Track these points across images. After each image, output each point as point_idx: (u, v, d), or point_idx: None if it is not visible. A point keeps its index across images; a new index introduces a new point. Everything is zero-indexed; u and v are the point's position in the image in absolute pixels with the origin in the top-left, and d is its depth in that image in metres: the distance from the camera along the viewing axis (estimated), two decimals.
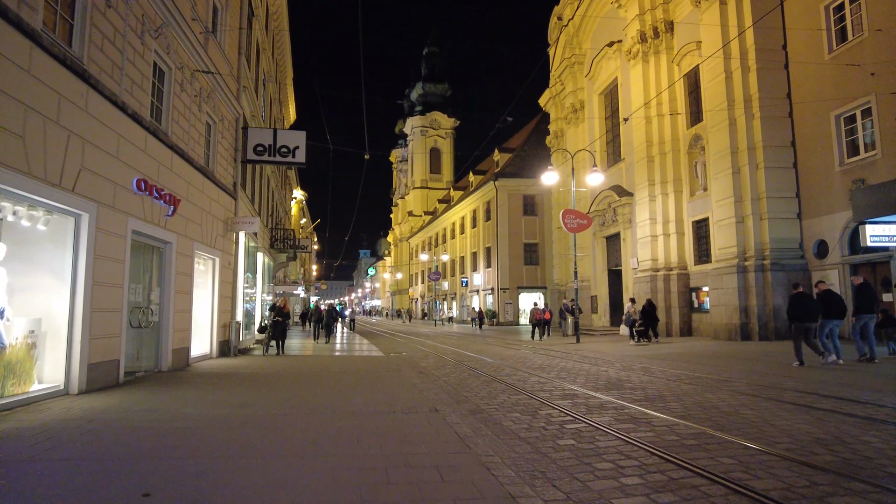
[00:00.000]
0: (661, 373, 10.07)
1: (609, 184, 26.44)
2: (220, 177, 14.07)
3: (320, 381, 9.55)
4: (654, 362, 11.96)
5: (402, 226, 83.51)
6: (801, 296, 11.04)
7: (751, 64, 18.52)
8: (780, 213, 17.91)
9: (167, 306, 10.59)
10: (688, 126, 22.04)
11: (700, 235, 21.40)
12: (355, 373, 10.67)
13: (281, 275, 33.55)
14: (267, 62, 23.67)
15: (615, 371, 10.51)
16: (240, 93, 15.86)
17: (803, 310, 10.78)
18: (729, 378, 9.13)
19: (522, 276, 43.51)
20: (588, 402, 7.10)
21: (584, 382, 8.98)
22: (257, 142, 15.86)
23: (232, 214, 15.05)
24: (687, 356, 13.34)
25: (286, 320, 15.31)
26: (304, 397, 7.68)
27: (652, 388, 8.17)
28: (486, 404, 7.11)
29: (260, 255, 20.34)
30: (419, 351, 17.13)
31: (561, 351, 15.86)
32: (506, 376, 9.98)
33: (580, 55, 31.73)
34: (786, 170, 18.13)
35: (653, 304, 19.35)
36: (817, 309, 10.88)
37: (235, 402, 7.22)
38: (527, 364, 12.16)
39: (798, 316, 10.81)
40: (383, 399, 7.41)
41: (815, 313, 10.82)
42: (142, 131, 9.25)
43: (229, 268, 14.90)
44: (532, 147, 46.07)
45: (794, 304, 10.96)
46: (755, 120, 18.34)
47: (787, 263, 17.62)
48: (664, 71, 23.12)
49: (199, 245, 12.42)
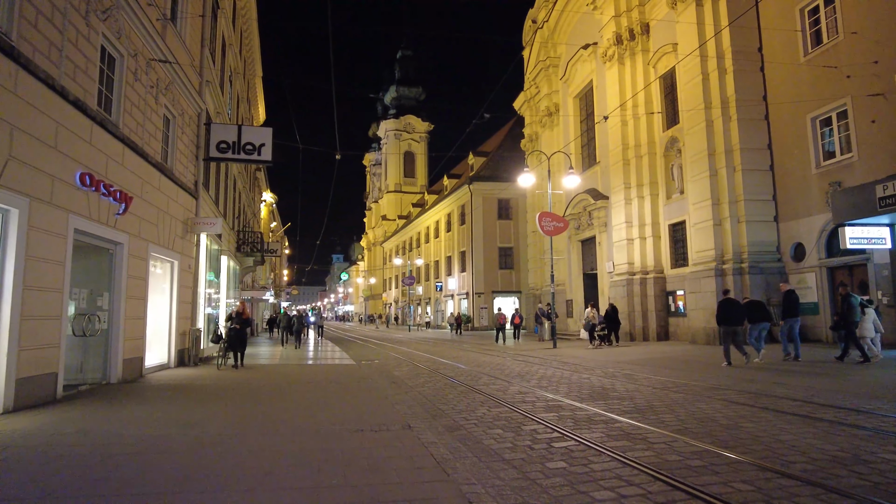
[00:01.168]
0: (645, 380, 9.62)
1: (584, 187, 26.18)
2: (179, 175, 13.21)
3: (284, 393, 8.82)
4: (635, 368, 11.52)
5: (376, 230, 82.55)
6: (728, 301, 11.94)
7: (727, 66, 18.40)
8: (758, 215, 17.78)
9: (117, 313, 9.72)
10: (664, 128, 21.88)
11: (677, 239, 21.21)
12: (323, 383, 9.96)
13: (249, 279, 32.44)
14: (234, 58, 22.76)
15: (598, 378, 10.02)
16: (202, 87, 15.00)
17: (730, 315, 11.63)
18: (718, 385, 8.71)
19: (497, 281, 43.11)
20: (575, 415, 6.55)
21: (567, 392, 8.45)
22: (221, 138, 15.03)
23: (193, 215, 14.18)
24: (668, 361, 12.96)
25: (245, 328, 13.33)
26: (264, 412, 6.96)
27: (640, 398, 7.68)
28: (465, 419, 6.50)
29: (225, 259, 19.42)
30: (392, 358, 16.45)
31: (539, 357, 15.36)
32: (484, 385, 9.39)
33: (555, 58, 31.53)
34: (763, 172, 18.03)
35: (616, 309, 19.87)
36: (742, 314, 11.77)
37: (186, 419, 6.47)
38: (505, 372, 11.60)
39: (726, 320, 11.66)
40: (352, 414, 6.75)
41: (740, 318, 11.71)
42: (87, 121, 8.42)
43: (190, 271, 14.01)
44: (507, 150, 45.81)
45: (722, 309, 11.84)
46: (732, 122, 18.21)
47: (766, 266, 17.47)
48: (640, 73, 22.95)
49: (156, 247, 11.56)
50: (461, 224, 45.81)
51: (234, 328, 12.95)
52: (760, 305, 12.34)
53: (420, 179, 79.07)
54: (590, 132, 28.04)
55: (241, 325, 13.09)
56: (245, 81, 27.86)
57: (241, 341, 13.18)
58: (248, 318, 13.68)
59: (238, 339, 13.05)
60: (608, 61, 24.29)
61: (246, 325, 13.33)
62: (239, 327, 12.98)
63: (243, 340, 13.30)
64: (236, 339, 13.02)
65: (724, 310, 11.80)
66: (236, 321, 13.07)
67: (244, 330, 13.28)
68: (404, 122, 79.70)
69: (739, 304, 12.11)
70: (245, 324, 13.27)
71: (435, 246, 52.90)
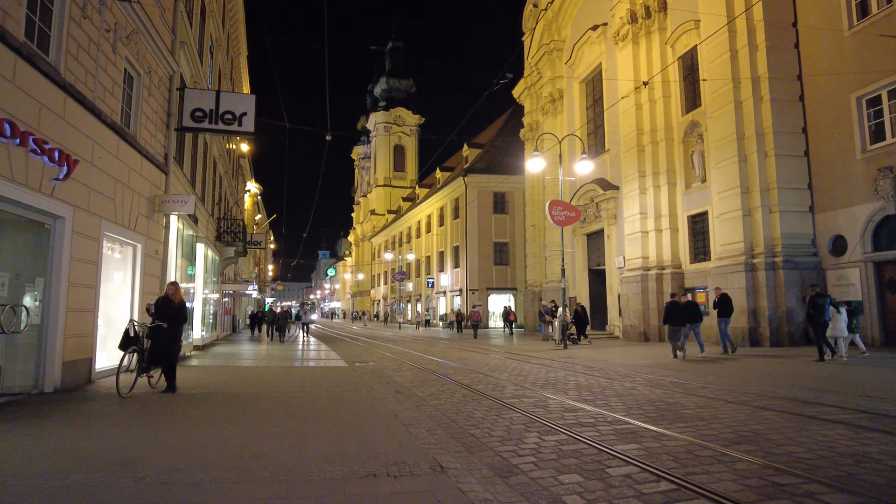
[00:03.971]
0: (703, 390, 7.90)
1: (591, 177, 24.48)
2: (145, 143, 11.25)
3: (262, 407, 6.96)
4: (679, 375, 9.82)
5: (364, 225, 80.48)
6: (673, 304, 13.58)
7: (759, 41, 16.78)
8: (792, 205, 16.20)
9: (54, 304, 7.78)
10: (683, 112, 20.24)
11: (697, 231, 19.59)
12: (312, 393, 8.11)
13: (230, 272, 30.36)
14: (216, 28, 20.72)
15: (647, 388, 8.29)
16: (176, 47, 13.03)
17: (674, 315, 13.28)
18: (795, 396, 7.01)
19: (492, 277, 41.36)
20: (667, 447, 4.79)
21: (624, 407, 6.69)
22: (196, 106, 13.07)
23: (161, 192, 12.22)
24: (708, 368, 11.28)
25: (177, 326, 8.16)
26: (235, 440, 5.12)
27: (726, 417, 5.95)
28: (514, 454, 4.71)
29: (201, 247, 17.43)
30: (388, 359, 14.61)
31: (554, 359, 13.62)
32: (514, 398, 7.61)
33: (559, 41, 29.80)
34: (797, 158, 16.44)
35: (584, 309, 21.18)
36: (683, 315, 13.19)
37: (121, 453, 4.61)
38: (529, 379, 9.82)
39: (671, 320, 13.35)
40: (354, 443, 4.93)
41: (682, 318, 13.18)
42: (8, 53, 6.49)
43: (157, 257, 12.06)
44: (502, 142, 44.08)
45: (667, 311, 13.61)
46: (764, 103, 16.60)
47: (801, 261, 15.88)
48: (656, 53, 21.30)
49: (112, 225, 9.61)
50: (455, 218, 43.98)
51: (159, 327, 7.94)
52: (695, 306, 13.67)
53: (410, 174, 77.14)
54: (597, 119, 26.37)
55: (170, 320, 8.00)
56: (229, 59, 25.80)
57: (168, 348, 8.07)
58: (181, 308, 8.21)
59: (164, 345, 8.00)
60: (620, 41, 22.62)
61: (179, 319, 8.17)
62: (167, 326, 7.95)
63: (170, 346, 8.12)
64: (161, 346, 7.97)
65: (669, 311, 13.47)
66: (159, 314, 8.04)
67: (176, 329, 8.16)
68: (394, 115, 77.70)
69: (680, 305, 13.43)
70: (177, 318, 8.14)
71: (427, 241, 51.01)
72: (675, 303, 13.55)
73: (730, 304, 14.17)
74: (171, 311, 8.10)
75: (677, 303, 13.52)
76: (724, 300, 14.08)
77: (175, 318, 8.12)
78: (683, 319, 13.15)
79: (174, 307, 8.16)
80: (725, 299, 14.12)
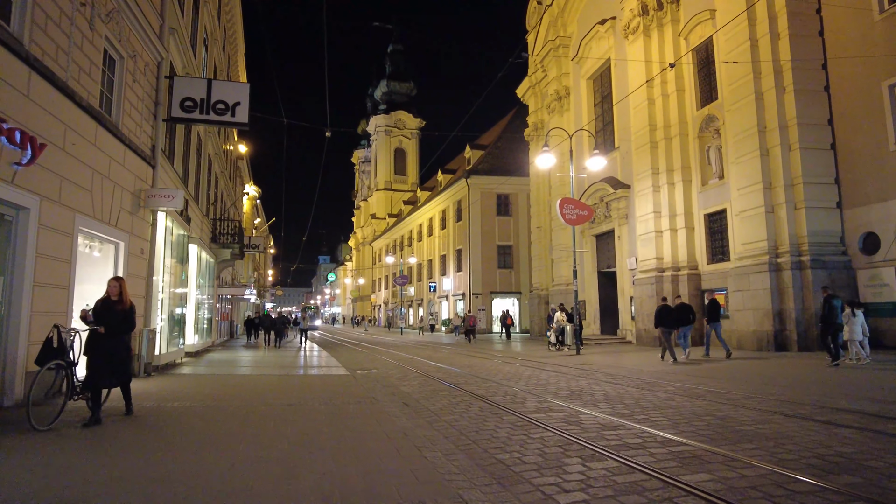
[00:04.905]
0: (748, 401, 6.97)
1: (600, 175, 23.59)
2: (129, 133, 10.36)
3: (251, 424, 6.04)
4: (712, 383, 8.89)
5: (365, 229, 79.59)
6: (665, 307, 13.77)
7: (781, 29, 15.92)
8: (819, 201, 15.30)
9: (17, 306, 6.87)
10: (698, 106, 19.36)
11: (714, 230, 18.67)
12: (309, 407, 7.19)
13: (228, 276, 29.47)
14: (211, 21, 19.89)
15: (687, 400, 7.36)
16: (164, 32, 12.17)
17: (666, 318, 13.53)
18: (865, 409, 6.09)
19: (496, 281, 40.41)
20: (746, 476, 3.88)
21: (671, 424, 5.78)
22: (186, 95, 12.21)
23: (148, 186, 11.32)
24: (741, 374, 10.35)
25: (123, 335, 6.32)
26: (209, 469, 4.20)
27: (798, 438, 5.02)
28: (559, 488, 3.78)
29: (194, 248, 16.52)
30: (392, 366, 13.67)
31: (571, 366, 12.69)
32: (540, 413, 6.68)
33: (565, 37, 28.96)
34: (823, 151, 15.55)
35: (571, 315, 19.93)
36: (674, 317, 13.55)
37: (60, 493, 3.69)
38: (549, 388, 8.89)
39: (663, 323, 13.52)
40: (356, 473, 4.01)
41: (674, 321, 13.53)
42: None
43: (142, 257, 11.15)
44: (506, 143, 43.24)
45: (659, 314, 13.70)
46: (787, 93, 15.72)
47: (829, 260, 14.97)
48: (669, 46, 20.45)
49: (89, 220, 8.71)
50: (457, 221, 43.08)
51: (94, 333, 6.10)
52: (689, 309, 13.91)
53: (411, 177, 76.30)
54: (606, 116, 25.51)
55: (110, 327, 6.10)
56: (225, 55, 24.97)
57: (117, 363, 6.23)
58: (127, 313, 6.27)
59: (109, 359, 6.11)
60: (630, 34, 21.79)
61: (120, 327, 6.22)
62: (104, 330, 6.06)
63: (119, 360, 6.26)
64: (104, 360, 6.06)
65: (661, 314, 13.65)
66: (98, 319, 6.10)
67: (120, 338, 6.28)
68: (395, 118, 76.95)
69: (671, 308, 13.77)
70: (119, 325, 6.19)
71: (428, 244, 50.10)
72: (667, 306, 13.89)
73: (718, 309, 14.44)
74: (114, 318, 6.13)
75: (669, 306, 13.90)
76: (713, 306, 14.40)
77: (111, 322, 6.09)
78: (676, 322, 13.54)
79: (117, 312, 6.17)
80: (714, 305, 14.45)
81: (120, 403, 6.52)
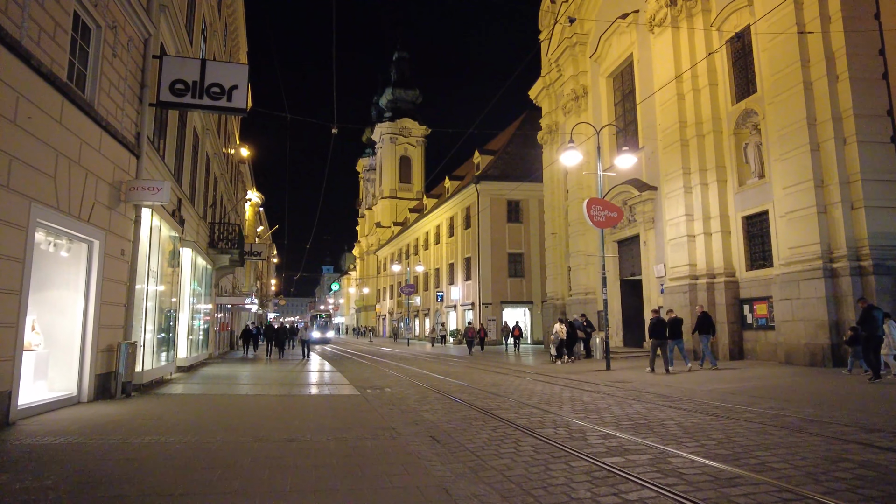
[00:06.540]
0: (867, 434, 5.44)
1: (623, 178, 22.14)
2: (107, 114, 8.95)
3: (234, 476, 4.52)
4: (801, 409, 7.35)
5: (369, 237, 78.25)
6: (658, 320, 14.07)
7: (832, 11, 14.49)
8: (880, 199, 13.75)
9: None
10: (734, 101, 17.90)
11: (753, 234, 17.14)
12: (313, 443, 5.67)
13: (227, 284, 28.02)
14: (210, 11, 18.59)
15: (785, 432, 5.82)
16: (153, 6, 10.80)
17: (659, 330, 13.93)
18: None
19: (507, 290, 38.87)
20: None
21: (798, 469, 4.25)
22: (177, 77, 10.80)
23: (130, 177, 9.89)
24: (797, 393, 8.80)
25: None
26: None
27: None
28: None
29: (188, 252, 15.06)
30: (406, 384, 12.14)
31: (607, 383, 11.14)
32: (612, 454, 5.16)
33: (582, 35, 27.62)
34: (883, 145, 14.04)
35: (573, 326, 19.95)
36: (665, 330, 13.92)
37: None
38: (604, 416, 7.35)
39: (656, 335, 13.94)
40: None
41: (665, 333, 13.91)
42: None
43: (123, 259, 9.69)
44: (516, 149, 41.91)
45: (652, 326, 14.14)
46: (841, 82, 14.25)
47: (894, 265, 13.42)
48: (700, 38, 19.04)
49: (52, 212, 7.27)
50: (466, 228, 41.62)
51: None
52: (680, 323, 14.30)
53: (416, 185, 75.10)
54: (628, 115, 24.10)
55: None
56: (226, 51, 23.70)
57: None
58: None
59: None
60: (657, 27, 20.40)
61: None
62: None
63: None
64: None
65: (654, 326, 14.05)
66: None
67: None
68: (400, 126, 75.91)
69: (664, 321, 14.05)
70: None
71: (435, 252, 48.61)
72: (661, 318, 14.19)
73: (709, 321, 14.59)
74: None
75: (662, 319, 14.19)
76: (704, 318, 14.52)
77: None
78: (669, 334, 13.87)
79: None
80: (705, 317, 14.60)
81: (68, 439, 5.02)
